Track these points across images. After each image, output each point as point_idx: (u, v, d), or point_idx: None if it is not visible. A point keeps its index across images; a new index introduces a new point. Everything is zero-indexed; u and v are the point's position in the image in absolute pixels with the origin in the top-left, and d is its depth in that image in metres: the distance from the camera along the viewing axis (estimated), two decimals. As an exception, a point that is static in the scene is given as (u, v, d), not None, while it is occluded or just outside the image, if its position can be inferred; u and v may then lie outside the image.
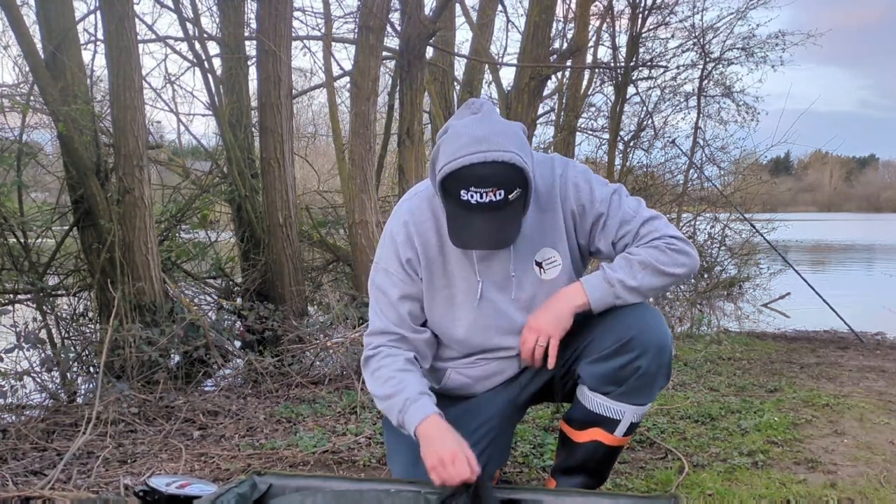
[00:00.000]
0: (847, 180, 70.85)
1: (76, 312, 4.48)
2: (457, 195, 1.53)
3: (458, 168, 1.52)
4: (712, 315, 6.89)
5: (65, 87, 3.88)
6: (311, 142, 9.64)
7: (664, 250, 1.69)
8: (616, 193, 1.73)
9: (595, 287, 1.69)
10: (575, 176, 1.73)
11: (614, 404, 1.76)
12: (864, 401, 3.36)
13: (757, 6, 8.02)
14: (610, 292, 1.68)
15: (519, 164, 1.53)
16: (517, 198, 1.55)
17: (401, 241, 1.75)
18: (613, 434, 1.80)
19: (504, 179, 1.52)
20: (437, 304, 1.78)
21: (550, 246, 1.75)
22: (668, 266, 1.68)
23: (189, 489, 1.77)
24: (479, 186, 1.51)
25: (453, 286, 1.76)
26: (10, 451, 2.63)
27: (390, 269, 1.76)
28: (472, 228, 1.55)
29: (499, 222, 1.55)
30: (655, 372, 1.75)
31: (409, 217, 1.75)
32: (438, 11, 5.43)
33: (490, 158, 1.51)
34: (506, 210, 1.54)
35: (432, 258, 1.75)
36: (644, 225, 1.72)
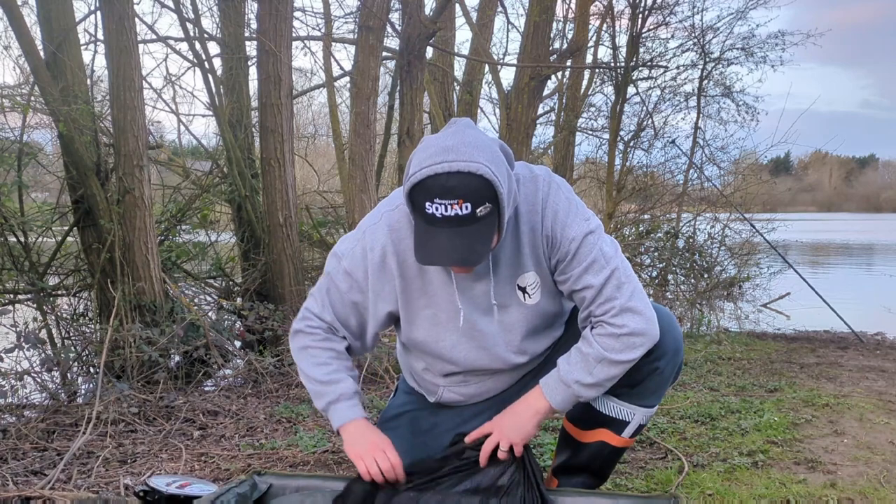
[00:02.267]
0: (847, 180, 70.82)
1: (76, 312, 4.48)
2: (422, 208, 1.43)
3: (422, 179, 1.42)
4: (712, 315, 6.88)
5: (65, 87, 3.88)
6: (311, 142, 9.64)
7: (618, 336, 1.59)
8: (592, 234, 1.60)
9: (554, 390, 1.65)
10: (556, 202, 1.61)
11: (625, 406, 1.76)
12: (864, 401, 3.36)
13: (757, 6, 8.01)
14: (569, 392, 1.64)
15: (487, 175, 1.42)
16: (487, 214, 1.44)
17: (371, 262, 1.67)
18: (621, 435, 1.80)
19: (471, 192, 1.41)
20: (420, 323, 1.72)
21: (531, 269, 1.66)
22: (623, 353, 1.60)
23: (189, 489, 1.77)
24: (444, 198, 1.41)
25: (436, 306, 1.69)
26: (10, 451, 2.63)
27: (352, 275, 1.69)
28: (435, 243, 1.44)
29: (465, 239, 1.43)
30: (670, 374, 1.76)
31: (390, 234, 1.65)
32: (438, 11, 5.43)
33: (455, 168, 1.40)
34: (474, 226, 1.43)
35: (410, 279, 1.67)
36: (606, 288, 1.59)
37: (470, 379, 1.82)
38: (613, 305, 1.59)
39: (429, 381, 1.87)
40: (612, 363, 1.60)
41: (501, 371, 1.80)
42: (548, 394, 1.65)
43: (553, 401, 1.65)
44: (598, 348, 1.60)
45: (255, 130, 5.47)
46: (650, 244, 7.40)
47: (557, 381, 1.65)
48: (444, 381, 1.84)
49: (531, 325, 1.73)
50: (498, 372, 1.80)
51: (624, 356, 1.60)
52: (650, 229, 7.46)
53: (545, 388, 1.66)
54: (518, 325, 1.72)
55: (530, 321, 1.72)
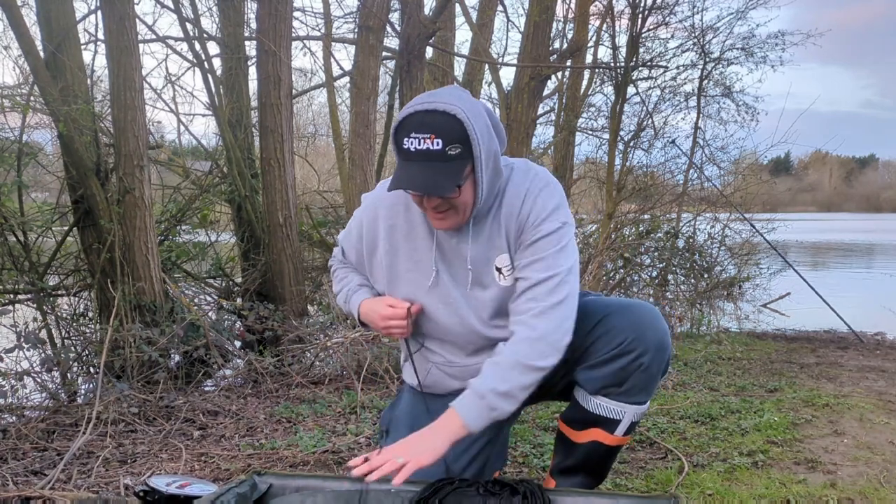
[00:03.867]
0: (847, 180, 70.84)
1: (76, 312, 4.48)
2: (401, 144, 1.55)
3: (403, 118, 1.56)
4: (712, 315, 6.88)
5: (65, 87, 3.88)
6: (311, 142, 9.65)
7: (532, 341, 1.61)
8: (557, 235, 1.65)
9: (467, 406, 1.60)
10: (545, 198, 1.67)
11: (614, 404, 1.76)
12: (864, 401, 3.36)
13: (757, 6, 7.99)
14: (483, 406, 1.59)
15: (460, 116, 1.52)
16: (457, 156, 1.53)
17: (367, 222, 1.83)
18: (613, 434, 1.80)
19: (442, 128, 1.52)
20: (402, 286, 1.80)
21: (506, 252, 1.71)
22: (536, 360, 1.60)
23: (189, 489, 1.77)
24: (418, 132, 1.52)
25: (418, 270, 1.77)
26: (10, 451, 2.63)
27: (352, 237, 1.90)
28: (405, 172, 1.55)
29: (433, 171, 1.53)
30: (657, 369, 1.76)
31: (382, 199, 1.79)
32: (438, 11, 5.43)
33: (431, 107, 1.53)
34: (444, 164, 1.53)
35: (398, 242, 1.77)
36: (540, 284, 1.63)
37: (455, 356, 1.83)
38: (537, 306, 1.63)
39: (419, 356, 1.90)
40: (525, 368, 1.60)
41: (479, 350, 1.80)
42: (461, 412, 1.60)
43: (466, 417, 1.59)
44: (510, 355, 1.62)
45: (254, 130, 5.47)
46: (650, 244, 7.39)
47: (471, 396, 1.61)
48: (433, 356, 1.86)
49: (504, 304, 1.74)
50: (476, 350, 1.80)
51: (537, 362, 1.61)
52: (650, 229, 7.45)
53: (458, 407, 1.61)
54: (490, 303, 1.74)
55: (502, 302, 1.74)
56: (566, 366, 1.80)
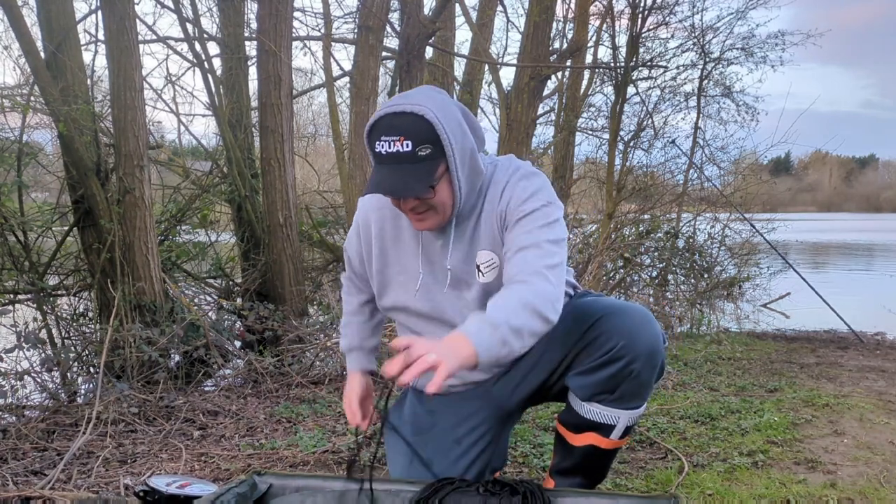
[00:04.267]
0: (847, 180, 70.86)
1: (76, 312, 4.48)
2: (373, 147, 1.56)
3: (374, 121, 1.56)
4: (712, 315, 6.88)
5: (65, 88, 3.88)
6: (311, 142, 9.65)
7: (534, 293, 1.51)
8: (544, 208, 1.61)
9: (479, 334, 1.42)
10: (520, 183, 1.66)
11: (608, 410, 1.74)
12: (864, 401, 3.36)
13: (757, 6, 8.00)
14: (496, 337, 1.43)
15: (429, 117, 1.51)
16: (427, 157, 1.52)
17: (363, 226, 1.84)
18: (609, 438, 1.78)
19: (411, 129, 1.51)
20: (393, 289, 1.81)
21: (489, 249, 1.69)
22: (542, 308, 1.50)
23: (189, 489, 1.77)
24: (388, 135, 1.52)
25: (405, 273, 1.78)
26: (10, 451, 2.63)
27: (349, 250, 1.90)
28: (377, 176, 1.55)
29: (402, 174, 1.52)
30: (649, 376, 1.71)
31: (374, 203, 1.80)
32: (438, 11, 5.43)
33: (399, 110, 1.53)
34: (414, 165, 1.52)
35: (387, 246, 1.79)
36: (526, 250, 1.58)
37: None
38: (528, 267, 1.55)
39: None
40: (533, 312, 1.48)
41: None
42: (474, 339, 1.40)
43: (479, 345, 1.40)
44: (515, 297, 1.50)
45: (255, 130, 5.48)
46: (650, 244, 7.39)
47: (482, 324, 1.44)
48: None
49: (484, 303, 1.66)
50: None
51: (543, 310, 1.50)
52: (650, 229, 7.46)
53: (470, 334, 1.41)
54: (473, 303, 1.73)
55: (483, 299, 1.70)
56: (561, 367, 1.79)
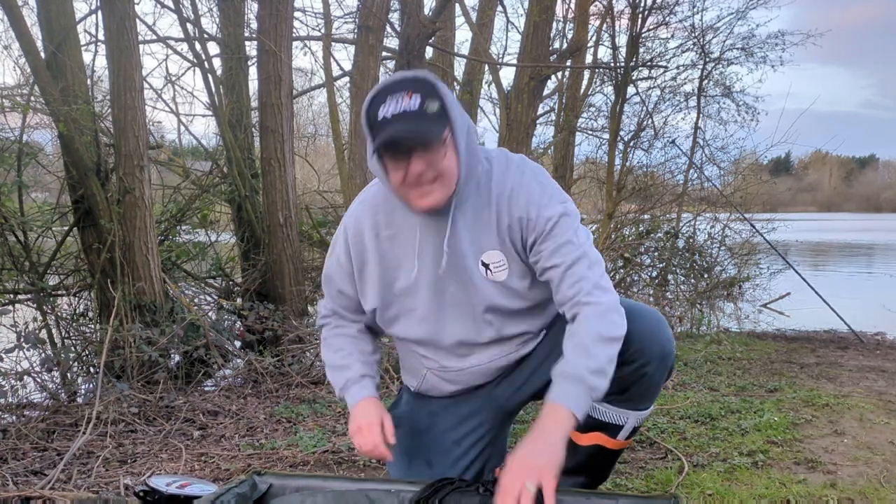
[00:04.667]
0: (847, 180, 70.87)
1: (76, 312, 4.48)
2: (377, 116, 1.51)
3: (374, 93, 1.53)
4: (712, 315, 6.88)
5: (65, 88, 3.89)
6: (311, 142, 9.65)
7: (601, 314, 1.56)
8: (567, 217, 1.62)
9: (567, 394, 1.47)
10: (529, 186, 1.64)
11: (617, 411, 1.75)
12: (864, 401, 3.36)
13: (757, 6, 7.99)
14: (583, 389, 1.47)
15: (430, 79, 1.51)
16: (436, 114, 1.49)
17: (353, 232, 1.74)
18: (616, 438, 1.79)
19: (419, 86, 1.49)
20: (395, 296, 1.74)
21: (499, 249, 1.66)
22: (611, 330, 1.55)
23: (189, 489, 1.77)
24: (394, 92, 1.49)
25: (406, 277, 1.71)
26: (10, 451, 2.63)
27: (341, 262, 1.77)
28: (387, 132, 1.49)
29: (415, 123, 1.48)
30: (660, 378, 1.74)
31: (365, 209, 1.74)
32: (438, 11, 5.43)
33: (403, 76, 1.53)
34: (423, 119, 1.48)
35: (385, 253, 1.71)
36: (576, 265, 1.59)
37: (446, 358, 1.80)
38: (585, 284, 1.58)
39: (413, 361, 1.87)
40: (605, 340, 1.53)
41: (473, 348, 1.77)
42: (565, 402, 1.46)
43: (573, 406, 1.45)
44: (587, 329, 1.54)
45: (255, 130, 5.48)
46: (650, 244, 7.39)
47: (567, 384, 1.49)
48: (426, 361, 1.83)
49: (495, 301, 1.70)
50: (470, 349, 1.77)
51: (613, 332, 1.55)
52: (650, 229, 7.46)
53: (559, 399, 1.47)
54: (478, 295, 1.69)
55: (493, 296, 1.69)
56: None
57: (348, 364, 1.78)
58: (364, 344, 1.82)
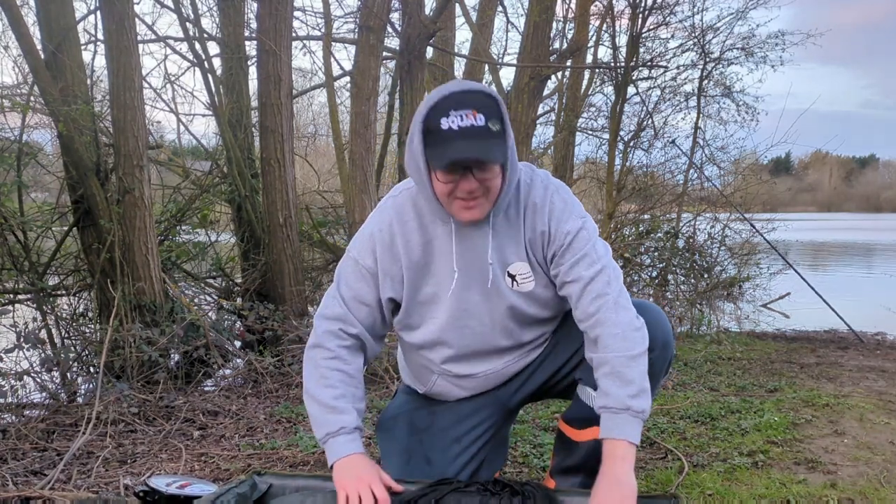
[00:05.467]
0: (847, 180, 70.85)
1: (76, 312, 4.48)
2: (438, 126, 1.50)
3: (437, 100, 1.52)
4: (712, 315, 6.88)
5: (65, 87, 3.88)
6: (311, 142, 9.66)
7: (623, 335, 1.60)
8: (585, 231, 1.67)
9: (618, 428, 1.54)
10: (553, 201, 1.68)
11: None
12: (864, 401, 3.36)
13: (757, 6, 7.99)
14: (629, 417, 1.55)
15: (495, 96, 1.53)
16: (498, 134, 1.51)
17: (381, 241, 1.70)
18: None
19: (482, 104, 1.50)
20: (420, 302, 1.74)
21: (525, 261, 1.70)
22: (636, 346, 1.60)
23: (189, 489, 1.77)
24: (459, 109, 1.49)
25: (436, 284, 1.72)
26: (10, 451, 2.63)
27: (361, 263, 1.71)
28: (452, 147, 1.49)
29: (480, 141, 1.49)
30: (660, 367, 1.77)
31: (395, 216, 1.70)
32: (438, 11, 5.43)
33: (467, 88, 1.53)
34: (488, 139, 1.50)
35: (415, 259, 1.70)
36: (595, 280, 1.63)
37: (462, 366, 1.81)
38: (606, 301, 1.62)
39: (423, 368, 1.87)
40: (634, 358, 1.59)
41: (489, 355, 1.80)
42: (619, 435, 1.53)
43: (628, 436, 1.53)
44: (614, 356, 1.59)
45: (255, 130, 5.47)
46: (650, 244, 7.39)
47: (614, 418, 1.55)
48: (438, 367, 1.84)
49: (518, 311, 1.74)
50: (487, 356, 1.80)
51: (638, 349, 1.60)
52: (650, 229, 7.46)
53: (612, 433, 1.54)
54: (503, 305, 1.73)
55: (517, 306, 1.73)
56: (571, 363, 1.82)
57: (343, 408, 1.64)
58: (357, 387, 1.69)
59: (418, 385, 1.93)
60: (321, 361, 1.69)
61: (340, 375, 1.67)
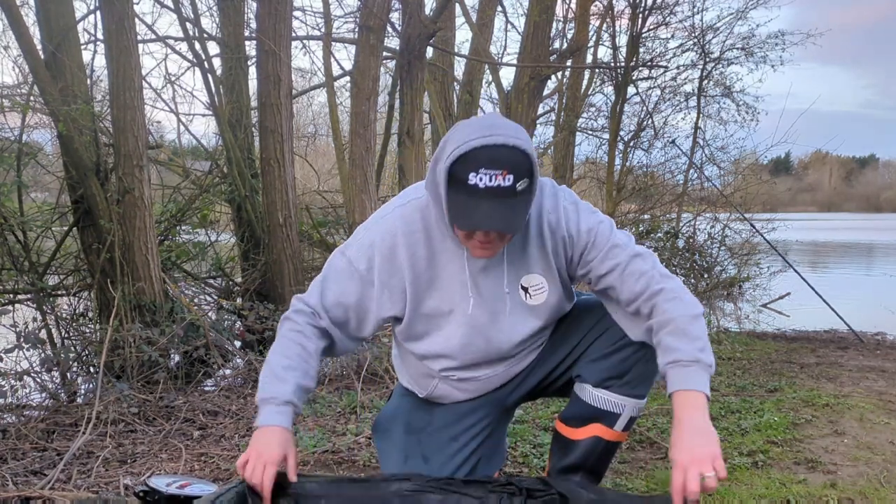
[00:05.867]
0: (847, 180, 70.85)
1: (76, 312, 4.48)
2: (465, 179, 1.48)
3: (468, 150, 1.47)
4: (712, 315, 6.88)
5: (65, 87, 3.88)
6: (311, 142, 9.66)
7: (676, 299, 1.62)
8: (603, 224, 1.69)
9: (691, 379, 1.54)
10: (565, 206, 1.69)
11: (615, 397, 1.77)
12: (864, 401, 3.36)
13: (757, 6, 8.02)
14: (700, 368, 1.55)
15: (528, 151, 1.50)
16: (524, 190, 1.50)
17: (381, 251, 1.67)
18: (613, 428, 1.80)
19: (514, 164, 1.48)
20: (425, 316, 1.72)
21: (537, 272, 1.70)
22: (693, 307, 1.62)
23: (189, 489, 1.77)
24: (490, 168, 1.46)
25: (442, 299, 1.70)
26: (10, 451, 2.63)
27: (355, 265, 1.69)
28: (480, 210, 1.48)
29: (505, 208, 1.48)
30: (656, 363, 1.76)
31: (402, 226, 1.67)
32: (438, 11, 5.43)
33: (500, 142, 1.48)
34: (514, 199, 1.49)
35: (420, 272, 1.68)
36: (631, 263, 1.64)
37: (464, 373, 1.82)
38: (651, 276, 1.63)
39: (424, 374, 1.87)
40: (695, 318, 1.60)
41: (492, 363, 1.80)
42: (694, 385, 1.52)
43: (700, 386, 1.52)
44: (676, 315, 1.59)
45: (254, 130, 5.47)
46: (650, 244, 7.40)
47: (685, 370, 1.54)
48: (439, 374, 1.84)
49: (530, 325, 1.75)
50: (489, 364, 1.80)
51: (696, 310, 1.62)
52: (650, 229, 7.47)
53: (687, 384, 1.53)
54: (517, 321, 1.73)
55: (529, 320, 1.74)
56: (568, 360, 1.82)
57: (285, 378, 1.63)
58: (309, 364, 1.68)
59: (418, 389, 1.92)
60: (286, 332, 1.72)
61: (298, 349, 1.68)
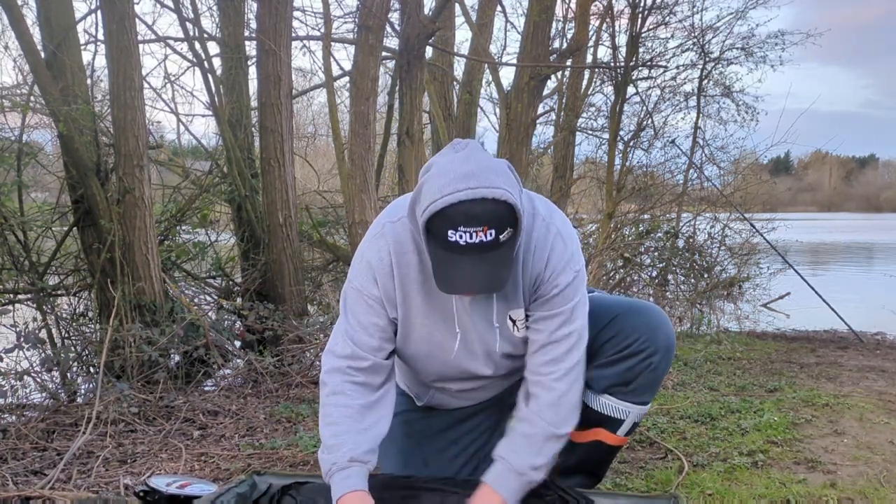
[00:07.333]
0: (847, 180, 70.80)
1: (76, 312, 4.48)
2: (444, 236, 1.39)
3: (444, 206, 1.38)
4: (712, 315, 6.88)
5: (65, 87, 3.88)
6: (311, 142, 9.65)
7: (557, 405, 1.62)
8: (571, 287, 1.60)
9: (505, 484, 1.59)
10: (553, 245, 1.60)
11: (620, 404, 1.77)
12: (864, 401, 3.36)
13: (757, 6, 7.99)
14: (522, 481, 1.60)
15: (510, 201, 1.39)
16: (508, 239, 1.42)
17: (380, 271, 1.62)
18: (616, 434, 1.81)
19: (495, 218, 1.38)
20: (415, 340, 1.69)
21: (521, 306, 1.64)
22: (564, 426, 1.63)
23: (189, 489, 1.77)
24: (468, 226, 1.37)
25: (433, 325, 1.66)
26: (10, 451, 2.63)
27: (365, 293, 1.64)
28: (458, 272, 1.42)
29: (489, 265, 1.41)
30: (664, 370, 1.79)
31: (393, 246, 1.61)
32: (438, 11, 5.43)
33: (479, 195, 1.37)
34: (497, 251, 1.41)
35: (411, 295, 1.63)
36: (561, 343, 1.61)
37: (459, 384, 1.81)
38: (559, 368, 1.61)
39: (419, 383, 1.88)
40: (557, 438, 1.63)
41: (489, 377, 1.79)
42: (501, 490, 1.58)
43: (506, 493, 1.58)
44: (542, 426, 1.61)
45: (254, 130, 5.47)
46: (650, 244, 7.39)
47: (508, 474, 1.59)
48: (433, 384, 1.84)
49: (517, 352, 1.71)
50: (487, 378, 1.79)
51: (565, 429, 1.63)
52: (650, 229, 7.46)
53: (496, 485, 1.59)
54: (501, 348, 1.70)
55: (516, 348, 1.70)
56: None
57: (336, 445, 1.58)
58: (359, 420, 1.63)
59: (417, 398, 1.92)
60: (325, 399, 1.68)
61: (342, 411, 1.63)
